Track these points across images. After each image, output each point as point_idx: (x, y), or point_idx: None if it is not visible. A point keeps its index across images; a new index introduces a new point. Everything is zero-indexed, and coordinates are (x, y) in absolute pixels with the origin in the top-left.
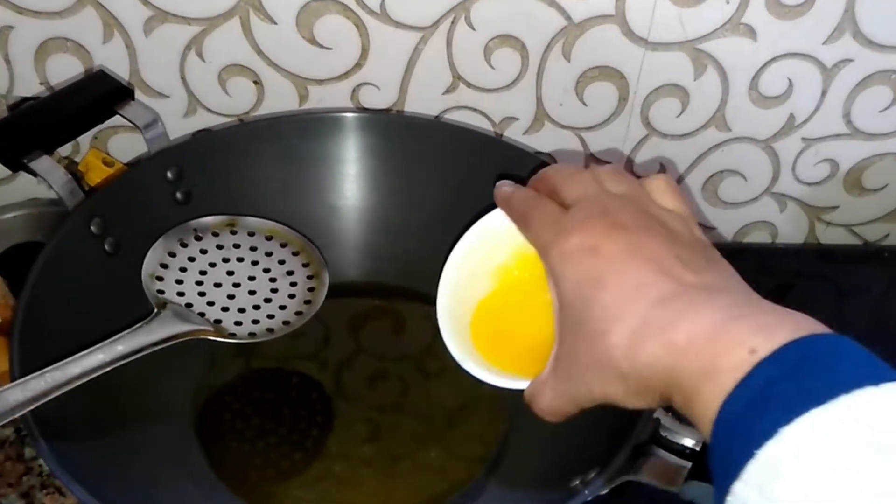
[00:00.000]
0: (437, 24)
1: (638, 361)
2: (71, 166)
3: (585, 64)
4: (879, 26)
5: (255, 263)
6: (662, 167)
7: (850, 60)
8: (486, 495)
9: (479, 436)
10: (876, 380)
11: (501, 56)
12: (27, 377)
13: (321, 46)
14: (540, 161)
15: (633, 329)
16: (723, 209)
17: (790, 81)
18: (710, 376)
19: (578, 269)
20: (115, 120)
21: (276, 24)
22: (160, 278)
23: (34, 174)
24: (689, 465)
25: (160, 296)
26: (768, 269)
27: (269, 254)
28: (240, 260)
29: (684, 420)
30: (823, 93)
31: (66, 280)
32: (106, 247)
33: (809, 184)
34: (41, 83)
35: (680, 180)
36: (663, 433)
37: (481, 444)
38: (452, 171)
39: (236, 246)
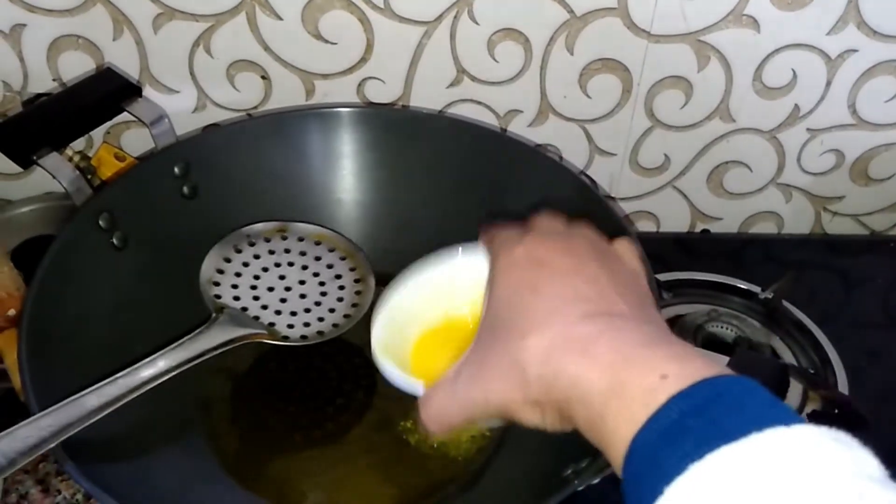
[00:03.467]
0: (440, 18)
1: (548, 368)
2: (83, 161)
3: (589, 56)
4: (884, 16)
5: (304, 268)
6: (667, 158)
7: (855, 51)
8: (482, 483)
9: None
10: (786, 421)
11: (505, 49)
12: (100, 384)
13: (326, 41)
14: (542, 155)
15: (552, 337)
16: (728, 200)
17: (794, 72)
18: (620, 395)
19: (519, 275)
20: (127, 115)
21: (281, 19)
22: (217, 283)
23: (45, 170)
24: None
25: (217, 300)
26: (775, 260)
27: (317, 258)
28: (290, 264)
29: None
30: (828, 83)
31: (74, 273)
32: (114, 241)
33: (815, 174)
34: (54, 79)
35: (684, 172)
36: None
37: (481, 435)
38: (457, 165)
39: (287, 251)
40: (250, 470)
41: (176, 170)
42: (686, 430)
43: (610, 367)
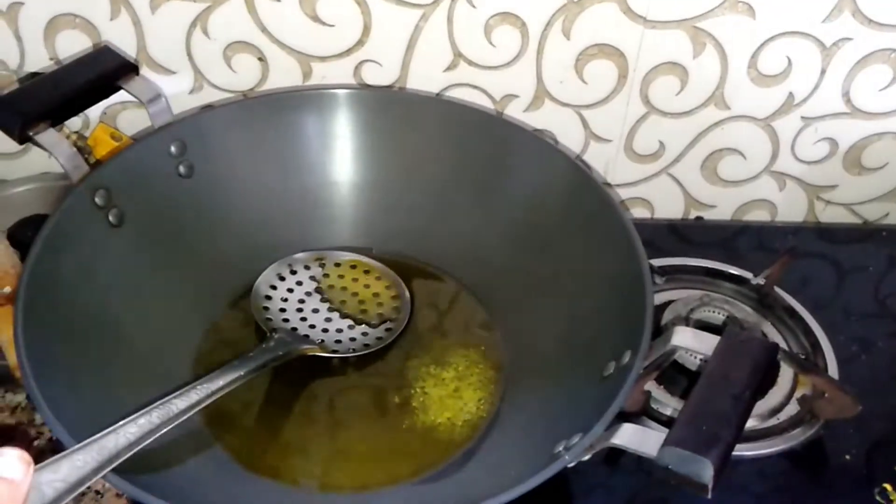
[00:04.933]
0: (437, 1)
1: None
2: (80, 140)
3: (585, 42)
4: (878, 5)
5: (343, 289)
6: (662, 145)
7: (850, 39)
8: (474, 462)
9: (477, 403)
10: None
11: (502, 33)
12: (187, 387)
13: (324, 24)
14: (538, 138)
15: None
16: (722, 187)
17: (789, 60)
18: None
19: None
20: (124, 96)
21: (279, 1)
22: (266, 308)
23: (41, 147)
24: (665, 431)
25: (269, 322)
26: (768, 248)
27: (354, 280)
28: (331, 287)
29: (674, 392)
30: (823, 71)
31: (70, 250)
32: (110, 218)
33: (809, 162)
34: (51, 59)
35: (679, 159)
36: (654, 405)
37: (475, 413)
38: (452, 147)
39: (326, 276)
40: (256, 455)
41: (172, 149)
42: None
43: None
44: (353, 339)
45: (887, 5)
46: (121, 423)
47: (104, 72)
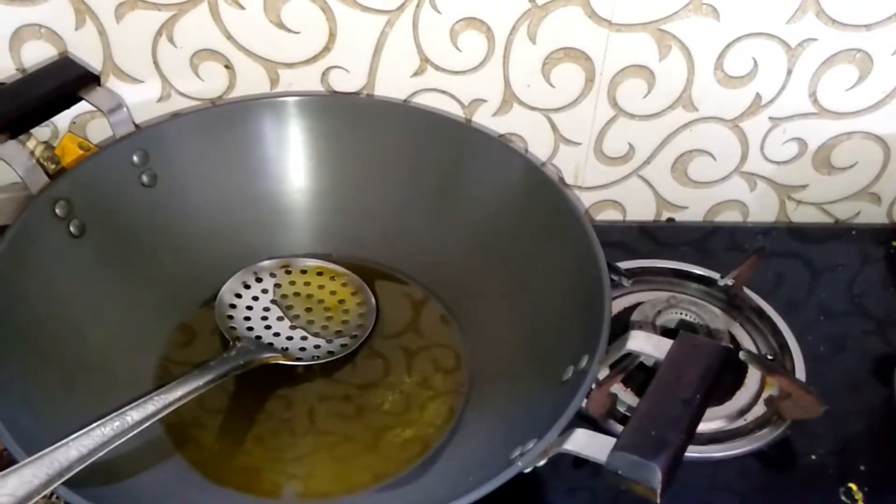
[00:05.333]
0: (402, 7)
1: None
2: (48, 151)
3: (551, 46)
4: (842, 6)
5: (309, 296)
6: (631, 148)
7: (815, 39)
8: (436, 467)
9: (439, 408)
10: None
11: (467, 39)
12: (144, 398)
13: (289, 30)
14: (499, 142)
15: None
16: (693, 189)
17: (755, 61)
18: None
19: None
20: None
21: (244, 8)
22: (231, 317)
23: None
24: (614, 440)
25: (232, 331)
26: (740, 248)
27: (320, 287)
28: (296, 294)
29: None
30: (789, 72)
31: (30, 261)
32: (71, 229)
33: (778, 163)
34: (17, 69)
35: (649, 161)
36: (620, 408)
37: (438, 418)
38: (415, 152)
39: (292, 283)
40: (220, 465)
41: (135, 158)
42: None
43: None
44: (317, 347)
45: (850, 6)
46: (73, 435)
47: (65, 82)
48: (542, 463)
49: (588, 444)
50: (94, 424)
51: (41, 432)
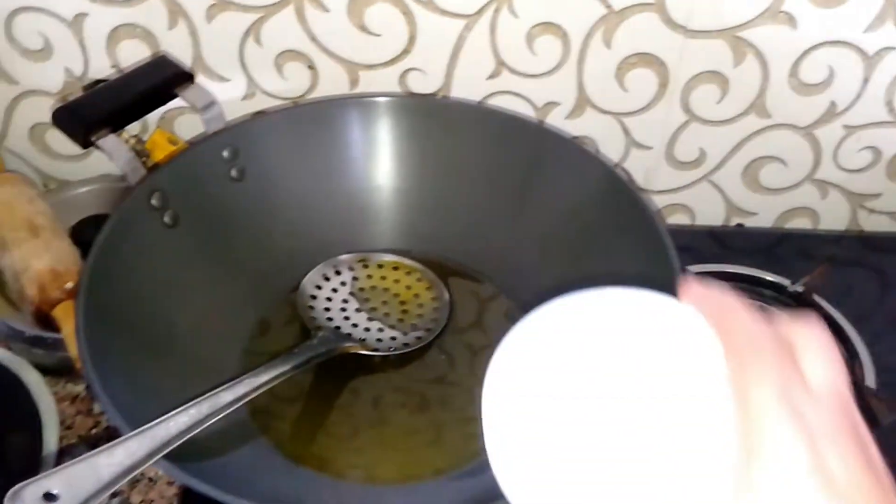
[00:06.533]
0: (481, 11)
1: None
2: (139, 144)
3: (626, 51)
4: None
5: (385, 290)
6: (703, 153)
7: (893, 48)
8: None
9: None
10: None
11: (543, 43)
12: (235, 381)
13: (371, 33)
14: (576, 146)
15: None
16: (763, 195)
17: (831, 69)
18: None
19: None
20: (180, 102)
21: (328, 11)
22: (311, 307)
23: (102, 151)
24: None
25: (313, 321)
26: (810, 256)
27: (396, 281)
28: (373, 288)
29: None
30: (865, 80)
31: (128, 249)
32: (165, 219)
33: (851, 171)
34: (112, 66)
35: (720, 166)
36: None
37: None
38: (492, 153)
39: (369, 277)
40: (298, 447)
41: (224, 154)
42: None
43: None
44: (393, 339)
45: None
46: (172, 412)
47: (161, 80)
48: None
49: None
50: (190, 403)
51: (139, 411)
